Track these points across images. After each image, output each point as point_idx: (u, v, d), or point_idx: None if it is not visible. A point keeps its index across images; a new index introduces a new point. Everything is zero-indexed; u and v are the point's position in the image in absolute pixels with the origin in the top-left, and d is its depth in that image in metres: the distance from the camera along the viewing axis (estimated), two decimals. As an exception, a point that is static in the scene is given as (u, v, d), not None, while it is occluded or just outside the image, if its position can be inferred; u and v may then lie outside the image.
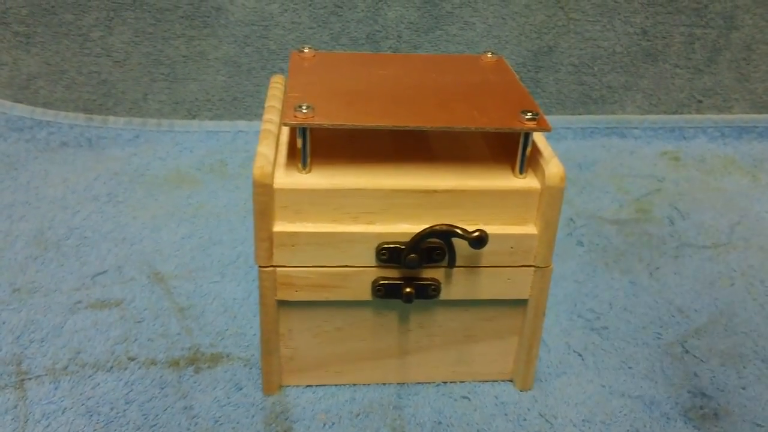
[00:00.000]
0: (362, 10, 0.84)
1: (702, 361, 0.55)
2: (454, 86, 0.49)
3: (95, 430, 0.46)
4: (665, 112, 0.91)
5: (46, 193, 0.71)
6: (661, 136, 0.88)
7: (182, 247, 0.64)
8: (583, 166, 0.80)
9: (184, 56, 0.85)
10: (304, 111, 0.44)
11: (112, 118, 0.84)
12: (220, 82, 0.86)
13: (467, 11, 0.85)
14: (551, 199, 0.45)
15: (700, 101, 0.91)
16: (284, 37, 0.85)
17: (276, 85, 0.55)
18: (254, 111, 0.87)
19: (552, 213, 0.45)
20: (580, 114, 0.90)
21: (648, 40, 0.88)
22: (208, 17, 0.83)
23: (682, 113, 0.91)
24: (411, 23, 0.85)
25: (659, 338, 0.57)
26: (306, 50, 0.54)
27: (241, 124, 0.86)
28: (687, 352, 0.56)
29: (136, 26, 0.83)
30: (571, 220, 0.71)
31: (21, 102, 0.84)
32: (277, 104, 0.52)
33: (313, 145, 0.47)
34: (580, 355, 0.55)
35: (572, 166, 0.79)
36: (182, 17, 0.83)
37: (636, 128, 0.88)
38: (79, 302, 0.57)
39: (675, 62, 0.90)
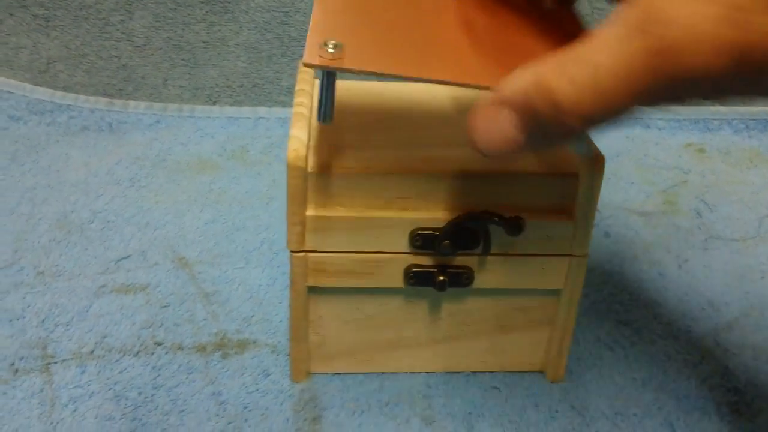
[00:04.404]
0: (386, -3, 0.83)
1: (734, 354, 0.54)
2: (520, 33, 0.39)
3: (123, 414, 0.46)
4: (690, 104, 0.90)
5: (68, 176, 0.70)
6: (686, 128, 0.87)
7: (206, 232, 0.64)
8: (608, 157, 0.78)
9: (204, 42, 0.84)
10: (331, 50, 0.35)
11: (132, 103, 0.83)
12: (241, 68, 0.85)
13: None
14: (590, 187, 0.44)
15: (725, 93, 0.90)
16: (305, 23, 0.84)
17: (305, 69, 0.54)
18: (275, 98, 0.86)
19: (590, 201, 0.45)
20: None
21: (673, 31, 0.87)
22: (229, 3, 0.82)
23: (706, 105, 0.90)
24: (434, 11, 0.84)
25: (690, 332, 0.56)
26: None
27: (262, 110, 0.85)
28: (719, 345, 0.55)
29: (157, 11, 0.82)
30: (598, 210, 0.70)
31: (41, 85, 0.83)
32: (308, 87, 0.51)
33: (345, 127, 0.46)
34: (610, 347, 0.54)
35: (597, 157, 0.78)
36: (203, 2, 0.82)
37: (660, 119, 0.87)
38: (104, 286, 0.56)
39: (700, 54, 0.88)
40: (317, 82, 0.54)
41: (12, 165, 0.72)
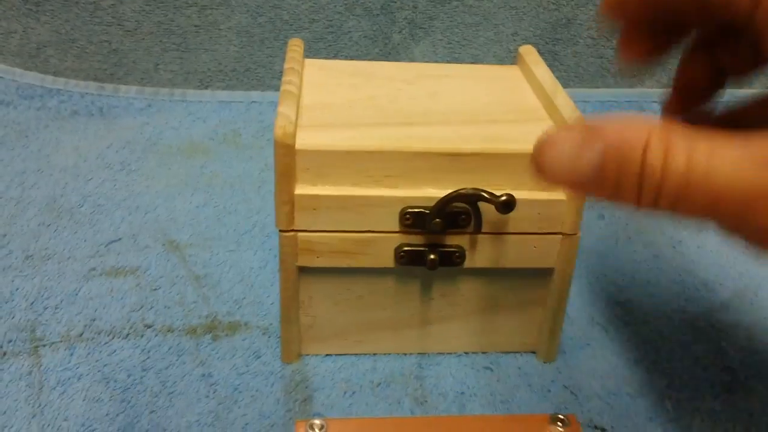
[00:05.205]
0: (378, -21, 0.82)
1: (728, 334, 0.54)
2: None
3: (112, 396, 0.46)
4: (685, 87, 0.89)
5: (58, 161, 0.70)
6: (681, 111, 0.86)
7: (197, 216, 0.63)
8: (603, 140, 0.78)
9: (195, 26, 0.83)
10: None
11: (123, 87, 0.83)
12: (233, 52, 0.84)
13: (485, -19, 0.83)
14: (581, 164, 0.44)
15: (721, 76, 0.90)
16: (298, 6, 0.83)
17: (294, 48, 0.53)
18: (267, 82, 0.85)
19: (581, 178, 0.44)
20: (598, 87, 0.88)
21: (669, 13, 0.86)
22: (221, -14, 0.82)
23: (702, 88, 0.89)
24: (428, -7, 0.83)
25: (684, 312, 0.56)
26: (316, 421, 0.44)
27: (255, 94, 0.84)
28: (712, 326, 0.55)
29: (148, -6, 0.81)
30: (592, 193, 0.70)
31: (31, 70, 0.83)
32: (297, 66, 0.50)
33: (334, 105, 0.45)
34: (603, 327, 0.54)
35: (591, 139, 0.77)
36: (195, -15, 0.81)
37: (655, 102, 0.87)
38: (94, 269, 0.56)
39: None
40: (306, 61, 0.54)
41: (1, 150, 0.71)
